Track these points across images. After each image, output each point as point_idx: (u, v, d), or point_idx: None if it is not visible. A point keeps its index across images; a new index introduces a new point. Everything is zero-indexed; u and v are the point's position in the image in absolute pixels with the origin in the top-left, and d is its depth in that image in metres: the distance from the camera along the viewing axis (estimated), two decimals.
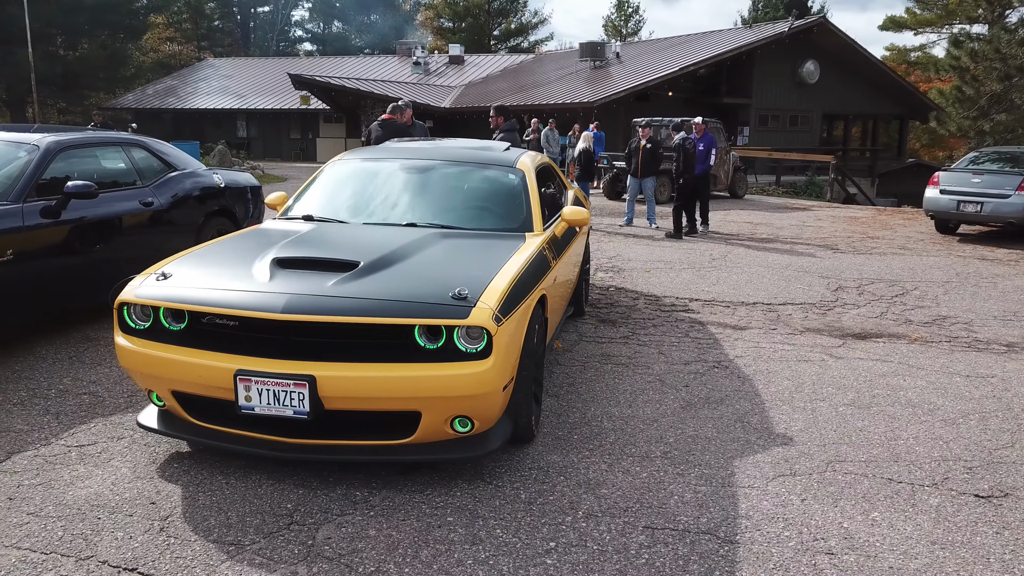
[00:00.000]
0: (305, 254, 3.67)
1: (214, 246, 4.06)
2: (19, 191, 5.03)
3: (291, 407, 3.19)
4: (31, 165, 5.19)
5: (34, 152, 5.30)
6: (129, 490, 3.33)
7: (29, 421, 4.04)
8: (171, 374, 3.37)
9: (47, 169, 5.28)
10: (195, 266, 3.67)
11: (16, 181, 5.07)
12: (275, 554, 2.87)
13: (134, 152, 6.31)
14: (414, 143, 5.82)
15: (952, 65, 23.85)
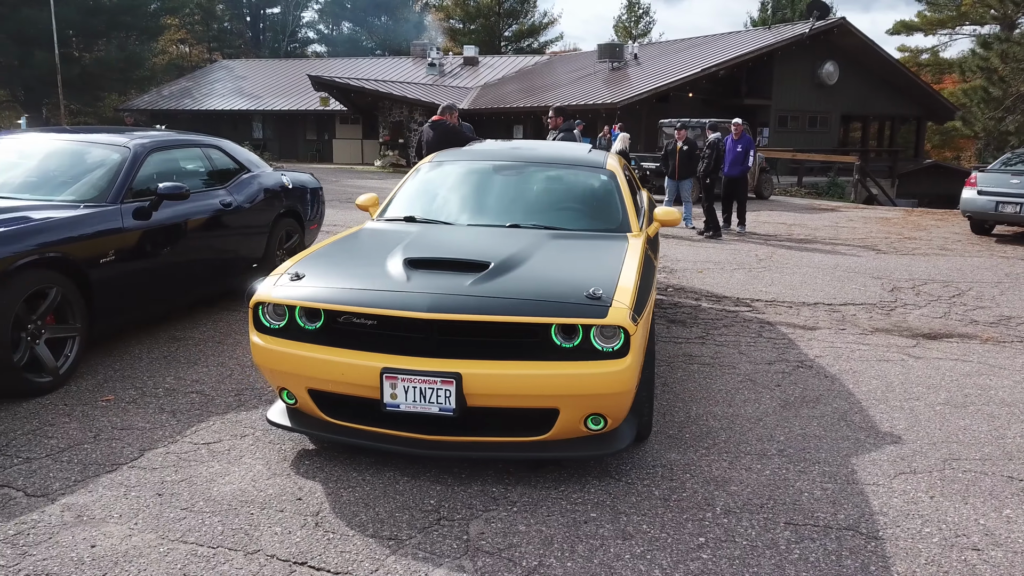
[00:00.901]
0: (434, 255, 3.73)
1: (333, 247, 4.11)
2: (116, 192, 5.10)
3: (437, 404, 3.25)
4: (124, 167, 5.26)
5: (125, 154, 5.36)
6: (271, 486, 3.39)
7: (148, 419, 4.10)
8: (310, 372, 3.43)
9: (139, 171, 5.34)
10: (325, 267, 3.72)
11: (112, 183, 5.13)
12: (435, 548, 2.93)
13: (211, 153, 6.38)
14: (500, 145, 5.87)
15: (980, 66, 23.82)
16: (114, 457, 3.63)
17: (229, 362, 5.09)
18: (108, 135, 5.67)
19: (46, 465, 3.53)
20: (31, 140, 5.61)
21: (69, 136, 5.62)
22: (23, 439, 3.80)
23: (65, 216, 4.61)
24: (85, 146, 5.45)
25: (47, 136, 5.67)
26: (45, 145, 5.50)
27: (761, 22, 50.41)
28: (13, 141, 5.63)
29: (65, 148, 5.44)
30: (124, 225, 4.98)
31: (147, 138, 5.70)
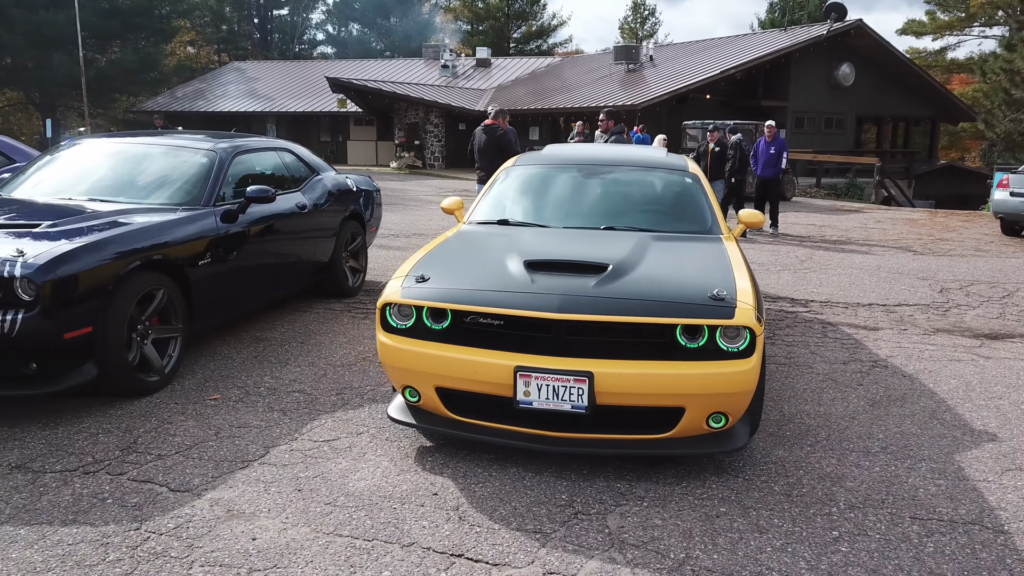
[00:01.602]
0: (551, 257, 3.82)
1: (443, 251, 4.19)
2: (208, 196, 5.21)
3: (569, 402, 3.35)
4: (214, 170, 5.37)
5: (213, 158, 5.47)
6: (404, 482, 3.49)
7: (261, 417, 4.20)
8: (439, 370, 3.53)
9: (226, 174, 5.45)
10: (446, 269, 3.81)
11: (204, 186, 5.24)
12: (581, 541, 3.03)
13: (285, 156, 6.49)
14: (576, 148, 5.97)
15: (1003, 68, 23.92)
16: (241, 454, 3.73)
17: (319, 362, 5.19)
18: (192, 139, 5.77)
19: (179, 462, 3.63)
20: (118, 145, 5.71)
21: (155, 140, 5.73)
22: (148, 436, 3.91)
23: (168, 219, 4.72)
24: (172, 150, 5.56)
25: (133, 141, 5.77)
26: (133, 150, 5.60)
27: (769, 23, 50.50)
28: (101, 145, 5.73)
29: (153, 152, 5.55)
30: (217, 227, 5.08)
31: (230, 142, 5.80)
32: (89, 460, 3.62)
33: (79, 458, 3.64)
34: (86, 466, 3.56)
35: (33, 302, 3.76)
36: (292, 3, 61.25)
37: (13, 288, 3.76)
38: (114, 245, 4.21)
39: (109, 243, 4.19)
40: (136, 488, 3.37)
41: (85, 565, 2.79)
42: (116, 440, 3.85)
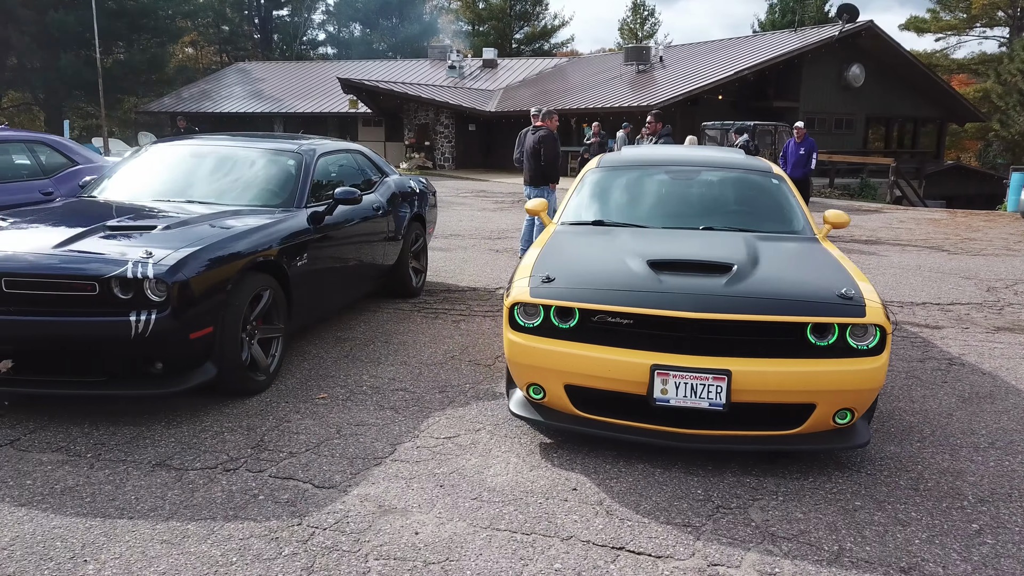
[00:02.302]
0: (672, 257, 3.90)
1: (553, 251, 4.24)
2: (300, 197, 5.28)
3: (707, 399, 3.43)
4: (302, 172, 5.43)
5: (299, 160, 5.54)
6: (539, 478, 3.56)
7: (375, 415, 4.27)
8: (570, 368, 3.61)
9: (313, 176, 5.51)
10: (568, 269, 3.88)
11: (295, 188, 5.31)
12: (732, 534, 3.11)
13: (359, 158, 6.55)
14: (656, 150, 6.05)
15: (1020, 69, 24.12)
16: (369, 451, 3.80)
17: (411, 361, 5.26)
18: (275, 141, 5.84)
19: (312, 459, 3.70)
20: (201, 147, 5.77)
21: (237, 143, 5.79)
22: (273, 435, 3.97)
23: (270, 221, 4.78)
24: (258, 152, 5.62)
25: (215, 143, 5.83)
26: (218, 152, 5.67)
27: (770, 24, 50.67)
28: (183, 148, 5.79)
29: (238, 155, 5.61)
30: (308, 229, 5.14)
31: (311, 144, 5.87)
32: (225, 458, 3.68)
33: (214, 456, 3.70)
34: (224, 464, 3.62)
35: (164, 302, 3.82)
36: (293, 3, 61.19)
37: (143, 289, 3.82)
38: (232, 246, 4.27)
39: (227, 244, 4.25)
40: (281, 485, 3.43)
41: (264, 559, 2.86)
42: (243, 438, 3.91)
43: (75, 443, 3.80)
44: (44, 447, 3.75)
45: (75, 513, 3.14)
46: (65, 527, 3.03)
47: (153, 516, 3.13)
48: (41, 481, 3.40)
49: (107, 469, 3.53)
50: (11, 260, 3.85)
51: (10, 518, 3.09)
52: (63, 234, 4.13)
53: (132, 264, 3.81)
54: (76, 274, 3.80)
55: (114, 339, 3.79)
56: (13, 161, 6.97)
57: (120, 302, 3.83)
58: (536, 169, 9.15)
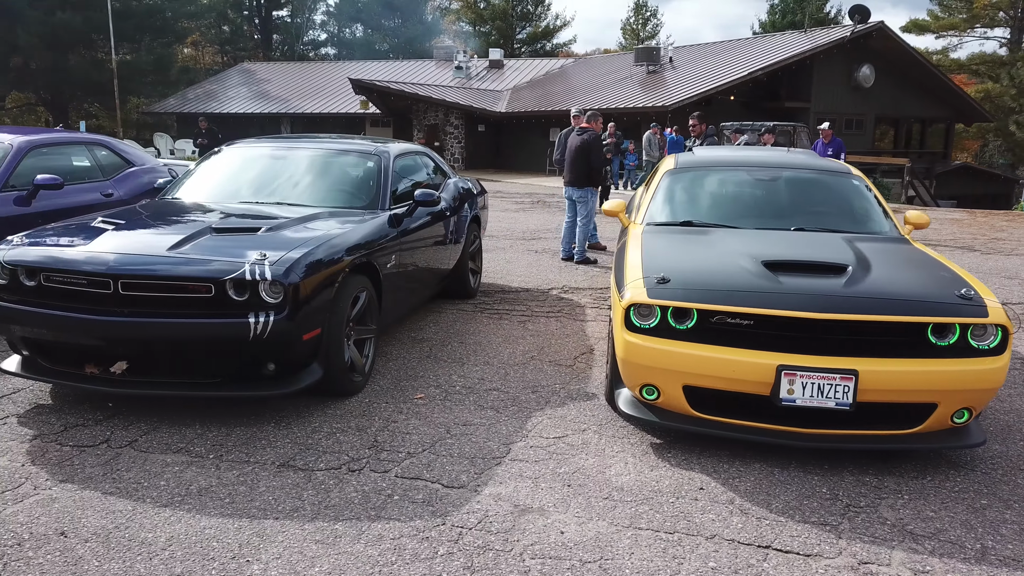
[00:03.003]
0: (785, 258, 3.94)
1: (656, 253, 4.25)
2: (383, 199, 5.30)
3: (834, 399, 3.47)
4: (383, 174, 5.46)
5: (379, 162, 5.56)
6: (663, 477, 3.59)
7: (478, 416, 4.30)
8: (690, 368, 3.64)
9: (392, 177, 5.53)
10: (681, 270, 3.90)
11: (377, 189, 5.33)
12: (872, 532, 3.15)
13: (426, 160, 6.58)
14: (730, 151, 6.09)
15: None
16: (485, 451, 3.83)
17: (493, 361, 5.29)
18: (352, 143, 5.86)
19: (432, 459, 3.72)
20: (279, 149, 5.78)
21: (316, 144, 5.81)
22: (385, 435, 3.99)
23: (362, 223, 4.80)
24: (338, 154, 5.65)
25: (292, 145, 5.85)
26: (298, 154, 5.68)
27: (771, 25, 50.83)
28: (258, 150, 5.80)
29: (319, 156, 5.64)
30: (392, 230, 5.16)
31: (385, 145, 5.89)
32: (346, 459, 3.70)
33: (335, 456, 3.72)
34: (348, 464, 3.64)
35: (280, 304, 3.84)
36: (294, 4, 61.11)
37: (258, 291, 3.84)
38: (337, 248, 4.30)
39: (334, 246, 4.28)
40: (411, 485, 3.46)
41: (423, 558, 2.88)
42: (357, 439, 3.93)
43: (192, 444, 3.81)
44: (163, 448, 3.76)
45: (219, 514, 3.16)
46: (215, 528, 3.05)
47: (297, 517, 3.16)
48: (174, 482, 3.42)
49: (234, 470, 3.55)
50: (128, 262, 3.86)
51: (157, 519, 3.11)
52: (171, 236, 4.14)
53: (249, 266, 3.83)
54: (193, 276, 3.82)
55: (233, 340, 3.81)
56: (75, 162, 6.97)
57: (234, 304, 3.84)
58: (581, 171, 9.17)
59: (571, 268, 9.06)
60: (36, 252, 4.02)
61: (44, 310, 3.93)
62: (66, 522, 3.06)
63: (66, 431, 3.93)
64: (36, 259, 3.97)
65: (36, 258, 3.98)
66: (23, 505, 3.18)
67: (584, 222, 9.28)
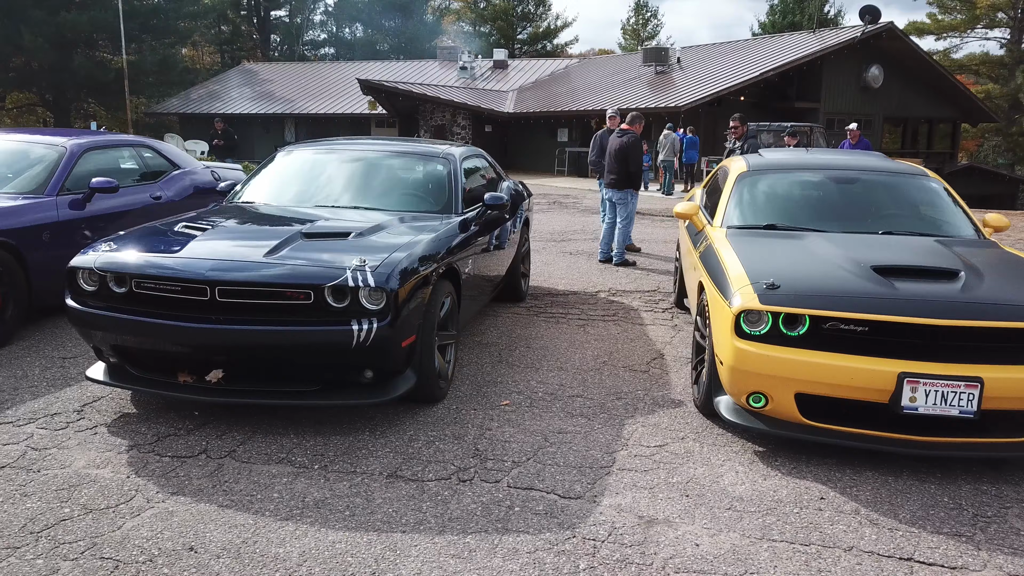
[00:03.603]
0: (893, 263, 3.89)
1: (755, 257, 4.19)
2: (456, 203, 5.24)
3: (957, 407, 3.41)
4: (454, 178, 5.39)
5: (447, 166, 5.49)
6: (780, 486, 3.53)
7: (570, 423, 4.23)
8: (804, 376, 3.58)
9: (461, 181, 5.47)
10: (791, 275, 3.84)
11: (450, 194, 5.27)
12: (1009, 543, 3.10)
13: (482, 162, 6.51)
14: (804, 153, 6.04)
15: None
16: (591, 460, 3.76)
17: (567, 366, 5.22)
18: (418, 145, 5.79)
19: (539, 468, 3.65)
20: (346, 152, 5.70)
21: (381, 146, 5.74)
22: (483, 444, 3.92)
23: (442, 227, 4.73)
24: (408, 157, 5.58)
25: (358, 147, 5.77)
26: (368, 157, 5.61)
27: (771, 25, 50.92)
28: (324, 153, 5.73)
29: (388, 160, 5.57)
30: (467, 234, 5.09)
31: (451, 148, 5.82)
32: (453, 468, 3.63)
33: (440, 466, 3.65)
34: (457, 474, 3.57)
35: (382, 310, 3.76)
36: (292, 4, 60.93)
37: (357, 297, 3.76)
38: (429, 254, 4.23)
39: (426, 252, 4.21)
40: (526, 495, 3.39)
41: (565, 574, 2.81)
42: (456, 447, 3.86)
43: (292, 454, 3.74)
44: (264, 458, 3.69)
45: (344, 527, 3.09)
46: (345, 542, 2.98)
47: (424, 530, 3.08)
48: (287, 494, 3.35)
49: (344, 481, 3.48)
50: (226, 269, 3.78)
51: (283, 533, 3.04)
52: (263, 242, 4.06)
53: (351, 272, 3.76)
54: (294, 283, 3.74)
55: (335, 348, 3.74)
56: (124, 165, 6.87)
57: (333, 311, 3.77)
58: (621, 173, 9.12)
59: (611, 270, 9.00)
60: (128, 258, 3.94)
61: (135, 317, 3.85)
62: (191, 537, 2.99)
63: (160, 441, 3.84)
64: (129, 265, 3.89)
65: (129, 264, 3.89)
66: (142, 519, 3.10)
67: (624, 224, 9.22)
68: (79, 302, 3.99)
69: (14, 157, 6.27)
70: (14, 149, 6.38)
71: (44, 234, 5.60)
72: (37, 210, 5.62)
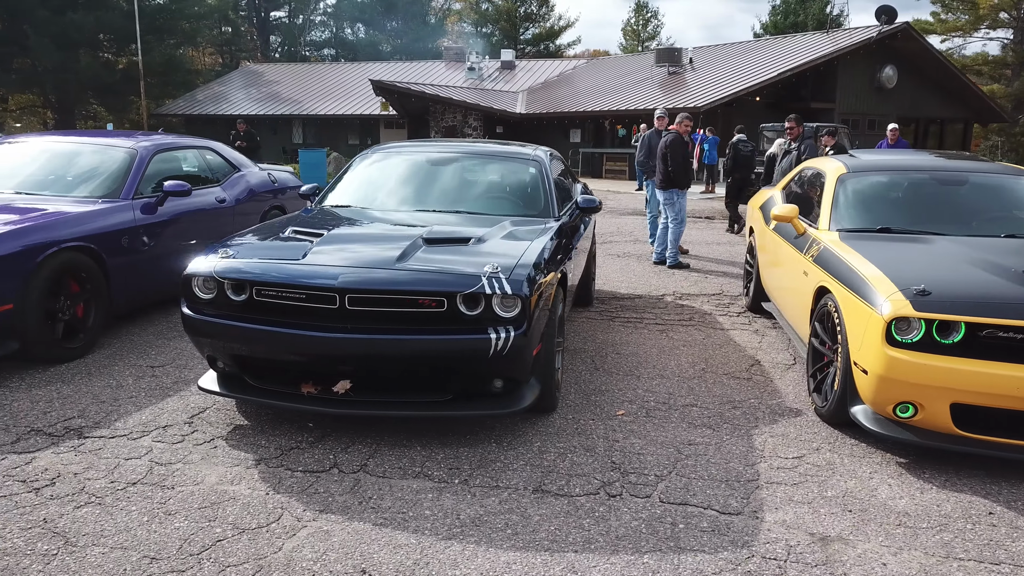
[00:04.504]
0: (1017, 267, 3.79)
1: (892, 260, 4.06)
2: (554, 206, 5.13)
3: None
4: (547, 180, 5.27)
5: (539, 168, 5.37)
6: (942, 500, 3.42)
7: (696, 434, 4.10)
8: (963, 385, 3.47)
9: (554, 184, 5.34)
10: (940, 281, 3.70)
11: (547, 198, 5.16)
12: None
13: (560, 163, 6.38)
14: (905, 154, 5.94)
15: None
16: (734, 473, 3.63)
17: (667, 373, 5.10)
18: (505, 147, 5.67)
19: (685, 482, 3.52)
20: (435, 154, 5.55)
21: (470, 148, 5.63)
22: (619, 456, 3.79)
23: (550, 231, 4.59)
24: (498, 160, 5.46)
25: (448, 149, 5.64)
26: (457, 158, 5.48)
27: (772, 26, 50.93)
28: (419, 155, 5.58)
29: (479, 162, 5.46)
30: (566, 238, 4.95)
31: (539, 150, 5.70)
32: (597, 482, 3.50)
33: (583, 479, 3.52)
34: (604, 488, 3.44)
35: (517, 318, 3.63)
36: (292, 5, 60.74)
37: (491, 304, 3.63)
38: (550, 259, 4.12)
39: (551, 257, 4.10)
40: (683, 511, 3.26)
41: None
42: (592, 459, 3.74)
43: (426, 468, 3.60)
44: (399, 472, 3.55)
45: (511, 547, 2.95)
46: (520, 563, 2.85)
47: (596, 549, 2.95)
48: (438, 511, 3.21)
49: (491, 496, 3.34)
50: (358, 277, 3.64)
51: (451, 553, 2.90)
52: (388, 249, 3.92)
53: (486, 279, 3.62)
54: (430, 290, 3.60)
55: (472, 357, 3.60)
56: (187, 167, 6.72)
57: (465, 319, 3.64)
58: (665, 173, 9.03)
59: (668, 273, 8.89)
60: (250, 265, 3.79)
61: (258, 326, 3.70)
62: (358, 558, 2.85)
63: (285, 455, 3.70)
64: (252, 272, 3.74)
65: (252, 271, 3.75)
66: (300, 540, 2.96)
67: (674, 225, 9.11)
68: (194, 310, 3.84)
69: (79, 160, 6.12)
70: (77, 151, 6.23)
71: (123, 239, 5.46)
72: (116, 214, 5.48)
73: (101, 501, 3.21)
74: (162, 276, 5.86)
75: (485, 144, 5.81)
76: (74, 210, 5.22)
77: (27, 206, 5.18)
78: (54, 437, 3.83)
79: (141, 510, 3.15)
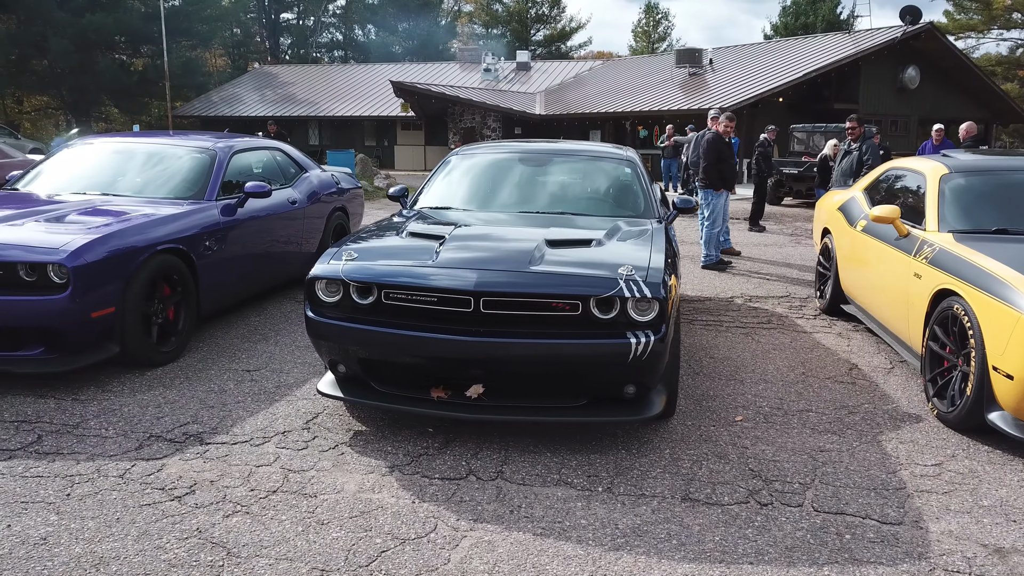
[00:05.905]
0: None
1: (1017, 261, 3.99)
2: (654, 206, 5.05)
3: None
4: (644, 180, 5.20)
5: (633, 168, 5.30)
6: None
7: (822, 440, 4.01)
8: None
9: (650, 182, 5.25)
10: None
11: (647, 199, 5.10)
12: None
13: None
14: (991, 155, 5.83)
15: None
16: (878, 481, 3.54)
17: (769, 378, 5.01)
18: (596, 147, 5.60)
19: (831, 491, 3.43)
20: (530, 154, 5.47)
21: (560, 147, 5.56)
22: (752, 463, 3.70)
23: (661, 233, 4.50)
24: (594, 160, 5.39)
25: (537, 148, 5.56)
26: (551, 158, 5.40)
27: (783, 27, 50.80)
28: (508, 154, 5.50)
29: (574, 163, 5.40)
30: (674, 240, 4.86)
31: (626, 149, 5.62)
32: (743, 491, 3.41)
33: (729, 487, 3.43)
34: (752, 496, 3.35)
35: (655, 321, 3.55)
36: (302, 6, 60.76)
37: (626, 308, 3.54)
38: (670, 263, 4.05)
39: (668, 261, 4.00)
40: (842, 521, 3.17)
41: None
42: (725, 466, 3.65)
43: (564, 475, 3.51)
44: (539, 480, 3.46)
45: (683, 558, 2.87)
46: (695, 574, 2.75)
47: (771, 561, 2.86)
48: (594, 520, 3.12)
49: (642, 505, 3.26)
50: (495, 280, 3.55)
51: (625, 565, 2.81)
52: (518, 250, 3.83)
53: (623, 283, 3.53)
54: (568, 293, 3.52)
55: (611, 361, 3.52)
56: (259, 169, 6.64)
57: (599, 322, 3.55)
58: (706, 172, 9.01)
59: (730, 275, 8.79)
60: (379, 267, 3.71)
61: (387, 329, 3.62)
62: (531, 570, 2.76)
63: (415, 461, 3.61)
64: (383, 275, 3.66)
65: (383, 273, 3.66)
66: (465, 551, 2.87)
67: (708, 225, 9.02)
68: (318, 314, 3.76)
69: (158, 161, 6.05)
70: (155, 153, 6.16)
71: (209, 240, 5.38)
72: (202, 215, 5.40)
73: (248, 510, 3.12)
74: (242, 279, 5.77)
75: (572, 144, 5.71)
76: (164, 212, 5.14)
77: (117, 208, 5.11)
78: (176, 443, 3.75)
79: (292, 519, 3.06)
